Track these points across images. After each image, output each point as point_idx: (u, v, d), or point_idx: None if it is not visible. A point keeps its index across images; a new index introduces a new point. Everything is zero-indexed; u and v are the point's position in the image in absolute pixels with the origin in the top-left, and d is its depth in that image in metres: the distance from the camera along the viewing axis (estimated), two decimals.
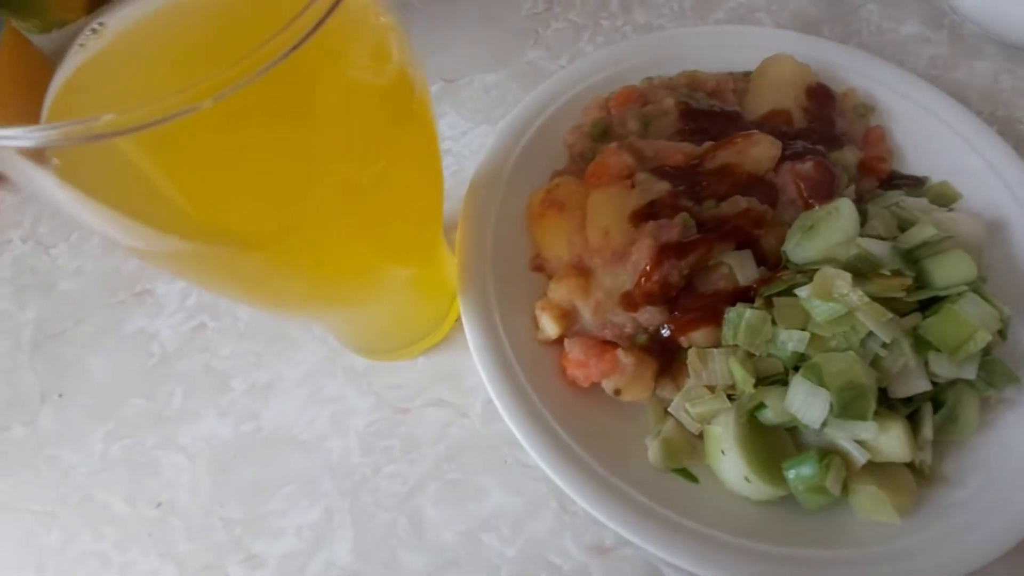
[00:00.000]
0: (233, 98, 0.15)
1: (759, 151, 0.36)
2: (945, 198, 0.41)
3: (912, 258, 0.33)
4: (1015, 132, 0.49)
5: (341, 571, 0.35)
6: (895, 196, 0.38)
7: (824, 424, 0.30)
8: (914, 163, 0.43)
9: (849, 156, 0.40)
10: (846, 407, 0.28)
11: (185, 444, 0.40)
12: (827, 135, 0.40)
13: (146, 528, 0.37)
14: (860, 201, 0.39)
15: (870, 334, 0.30)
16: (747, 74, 0.44)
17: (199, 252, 0.20)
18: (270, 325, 0.43)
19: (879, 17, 0.55)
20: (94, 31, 0.21)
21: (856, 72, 0.45)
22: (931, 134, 0.43)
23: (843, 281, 0.30)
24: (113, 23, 0.23)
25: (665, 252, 0.33)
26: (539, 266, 0.40)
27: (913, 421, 0.32)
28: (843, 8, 0.56)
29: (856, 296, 0.30)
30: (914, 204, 0.37)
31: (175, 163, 0.17)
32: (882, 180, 0.42)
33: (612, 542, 0.35)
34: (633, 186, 0.36)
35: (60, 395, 0.42)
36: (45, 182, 0.16)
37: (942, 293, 0.31)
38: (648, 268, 0.33)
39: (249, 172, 0.19)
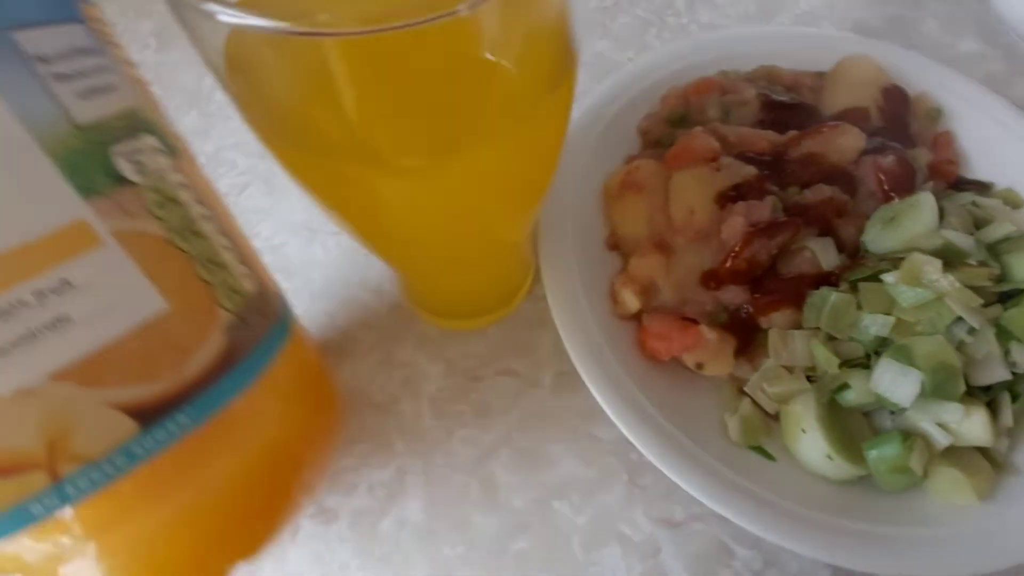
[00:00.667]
0: (458, 18, 0.15)
1: (846, 141, 0.37)
2: (1010, 204, 0.42)
3: (993, 252, 0.34)
4: None
5: (414, 529, 0.36)
6: (968, 196, 0.39)
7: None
8: (979, 169, 0.44)
9: (921, 157, 0.41)
10: (938, 387, 0.29)
11: None
12: (901, 135, 0.41)
13: None
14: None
15: (955, 321, 0.31)
16: (820, 74, 0.46)
17: (340, 168, 0.21)
18: (342, 288, 0.44)
19: (939, 33, 0.56)
20: None
21: (923, 78, 0.46)
22: (996, 142, 0.44)
23: (933, 268, 0.31)
24: None
25: (756, 231, 0.34)
26: (614, 245, 0.41)
27: (990, 409, 0.32)
28: (903, 22, 0.57)
29: (947, 282, 0.31)
30: (988, 204, 0.38)
31: (361, 74, 0.18)
32: (950, 183, 0.43)
33: (682, 516, 0.36)
34: (719, 169, 0.37)
35: None
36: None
37: (1022, 286, 0.32)
38: (738, 246, 0.34)
39: (424, 98, 0.20)
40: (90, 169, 0.16)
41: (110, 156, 0.17)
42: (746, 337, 0.36)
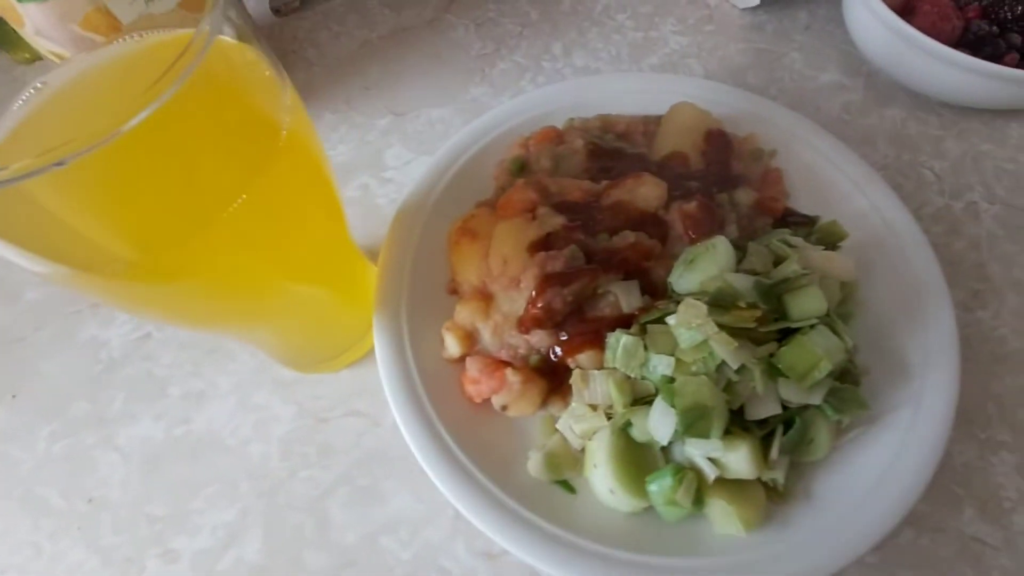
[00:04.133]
0: (106, 150, 0.18)
1: (646, 190, 0.39)
2: (833, 236, 0.44)
3: (775, 292, 0.36)
4: (918, 174, 0.52)
5: (249, 567, 0.38)
6: (780, 234, 0.41)
7: (673, 441, 0.32)
8: (809, 203, 0.46)
9: (743, 196, 0.43)
10: (690, 426, 0.31)
11: (121, 444, 0.43)
12: (723, 176, 0.44)
13: (77, 521, 0.40)
14: (752, 238, 0.43)
15: (725, 361, 0.33)
16: (659, 118, 0.48)
17: (98, 281, 0.24)
18: (209, 337, 0.47)
19: (801, 65, 0.59)
20: (36, 88, 0.26)
21: (761, 118, 0.48)
22: (824, 177, 0.46)
23: (697, 311, 0.33)
24: (52, 80, 0.27)
25: (549, 280, 0.36)
26: (454, 290, 0.43)
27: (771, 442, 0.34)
28: (768, 56, 0.60)
29: (709, 326, 0.33)
30: (795, 242, 0.40)
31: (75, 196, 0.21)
32: (777, 218, 0.45)
33: (500, 549, 0.38)
34: (534, 219, 0.40)
35: (14, 396, 0.46)
36: None
37: (794, 325, 0.34)
38: (534, 295, 0.36)
39: (135, 205, 0.23)
40: None
41: None
42: (559, 378, 0.38)
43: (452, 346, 0.39)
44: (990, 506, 0.39)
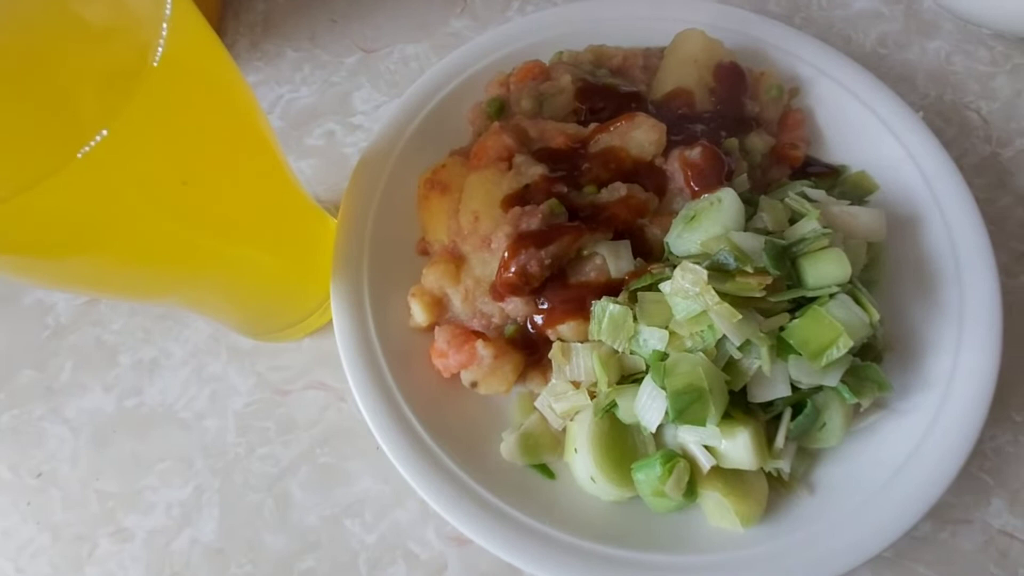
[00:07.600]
0: None
1: (640, 134, 0.34)
2: (861, 189, 0.38)
3: (790, 255, 0.31)
4: (962, 117, 0.45)
5: (205, 549, 0.36)
6: (798, 186, 0.36)
7: (662, 427, 0.28)
8: (835, 150, 0.40)
9: (757, 142, 0.38)
10: (682, 412, 0.27)
11: (70, 417, 0.40)
12: (735, 118, 0.38)
13: (26, 496, 0.38)
14: (766, 191, 0.37)
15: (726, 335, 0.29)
16: (663, 50, 0.41)
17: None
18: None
19: None
20: None
21: (782, 51, 0.42)
22: (855, 120, 0.40)
23: (695, 277, 0.28)
24: None
25: (523, 241, 0.31)
26: (424, 250, 0.39)
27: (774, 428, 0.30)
28: None
29: (709, 295, 0.28)
30: (814, 195, 0.34)
31: None
32: (796, 168, 0.39)
33: None
34: (509, 169, 0.34)
35: None
36: None
37: (810, 294, 0.29)
38: (506, 256, 0.31)
39: None
40: None
41: None
42: (538, 351, 0.34)
43: (419, 314, 0.35)
44: (1022, 496, 0.34)
